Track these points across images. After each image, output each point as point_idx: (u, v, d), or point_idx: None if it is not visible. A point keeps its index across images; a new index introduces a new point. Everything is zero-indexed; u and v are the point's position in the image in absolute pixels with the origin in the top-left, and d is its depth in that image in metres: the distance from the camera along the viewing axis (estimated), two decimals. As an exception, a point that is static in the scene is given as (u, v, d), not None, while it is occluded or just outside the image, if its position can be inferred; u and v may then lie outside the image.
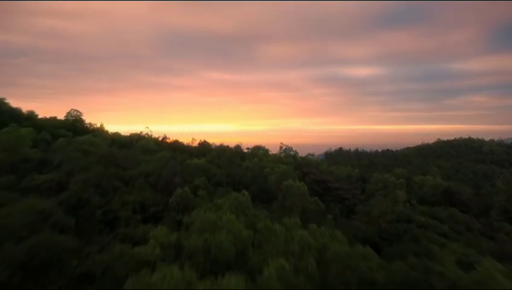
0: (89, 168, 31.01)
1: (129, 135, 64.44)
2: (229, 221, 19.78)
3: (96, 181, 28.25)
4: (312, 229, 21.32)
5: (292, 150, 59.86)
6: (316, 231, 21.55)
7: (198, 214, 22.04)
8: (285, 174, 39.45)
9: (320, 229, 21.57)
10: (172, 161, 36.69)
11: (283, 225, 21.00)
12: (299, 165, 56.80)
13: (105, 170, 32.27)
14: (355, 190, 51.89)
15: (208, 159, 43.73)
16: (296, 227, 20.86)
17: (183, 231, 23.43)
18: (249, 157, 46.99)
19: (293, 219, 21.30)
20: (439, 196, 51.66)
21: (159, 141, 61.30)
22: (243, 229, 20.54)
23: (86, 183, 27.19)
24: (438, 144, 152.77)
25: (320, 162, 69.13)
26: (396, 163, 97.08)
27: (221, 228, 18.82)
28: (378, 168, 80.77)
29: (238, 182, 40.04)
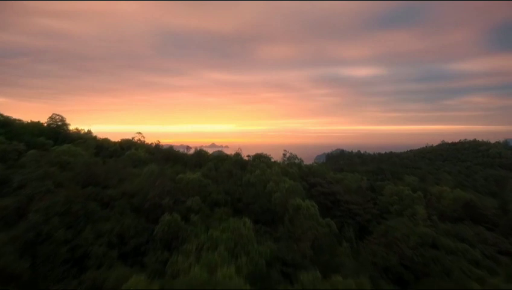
0: (60, 189, 25.61)
1: (119, 140, 58.97)
2: (225, 278, 14.46)
3: (64, 207, 22.77)
4: (336, 283, 16.02)
5: (297, 157, 54.46)
6: (340, 285, 16.23)
7: (183, 263, 16.71)
8: (292, 190, 34.03)
9: (346, 281, 16.27)
10: (162, 177, 31.20)
11: (299, 282, 15.61)
12: (304, 175, 51.53)
13: (80, 190, 26.86)
14: (367, 204, 46.54)
15: (204, 172, 38.29)
16: (316, 282, 15.52)
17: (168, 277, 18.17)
18: (250, 169, 41.56)
19: (311, 274, 15.81)
20: (460, 210, 46.28)
21: (152, 148, 55.83)
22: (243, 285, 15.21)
23: (50, 210, 21.72)
24: (443, 147, 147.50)
25: (325, 168, 63.69)
26: (404, 168, 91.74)
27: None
28: (387, 175, 75.39)
29: (238, 200, 34.65)
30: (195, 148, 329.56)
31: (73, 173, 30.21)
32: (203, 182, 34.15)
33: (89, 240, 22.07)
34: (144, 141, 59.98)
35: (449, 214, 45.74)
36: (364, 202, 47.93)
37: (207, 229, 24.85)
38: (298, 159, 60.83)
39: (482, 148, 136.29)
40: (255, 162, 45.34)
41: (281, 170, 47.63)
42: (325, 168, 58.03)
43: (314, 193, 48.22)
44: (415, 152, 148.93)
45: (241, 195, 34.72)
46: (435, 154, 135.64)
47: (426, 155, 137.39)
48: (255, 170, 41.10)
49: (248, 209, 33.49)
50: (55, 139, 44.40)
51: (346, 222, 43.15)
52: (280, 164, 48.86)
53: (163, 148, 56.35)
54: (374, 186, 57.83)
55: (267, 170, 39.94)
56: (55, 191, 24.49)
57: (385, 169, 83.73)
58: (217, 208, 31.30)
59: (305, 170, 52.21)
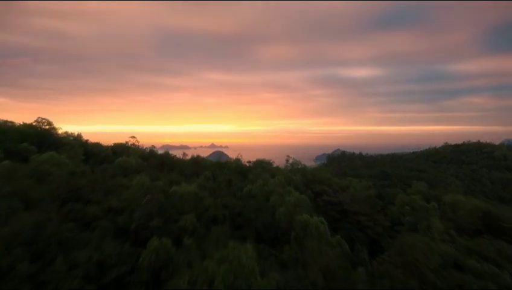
0: (31, 209, 21.93)
1: (112, 145, 55.25)
2: None
3: (32, 233, 19.12)
4: None
5: (300, 163, 50.85)
6: None
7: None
8: (299, 204, 30.40)
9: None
10: (152, 191, 27.52)
11: None
12: (309, 183, 47.95)
13: (56, 209, 23.21)
14: (377, 215, 42.96)
15: (201, 182, 34.63)
16: None
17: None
18: (251, 179, 37.93)
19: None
20: (477, 221, 42.63)
21: (147, 153, 52.12)
22: None
23: (13, 239, 18.07)
24: (446, 149, 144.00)
25: (330, 174, 60.05)
26: (409, 172, 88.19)
27: None
28: (393, 181, 71.85)
29: (238, 214, 30.99)
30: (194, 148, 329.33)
31: (52, 187, 26.52)
32: (199, 195, 30.51)
33: (60, 273, 18.41)
34: (138, 145, 56.31)
35: (465, 226, 42.26)
36: (374, 213, 44.35)
37: (202, 255, 21.27)
38: (301, 164, 57.31)
39: (486, 150, 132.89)
40: (256, 170, 41.65)
41: (285, 178, 44.06)
42: (330, 175, 54.32)
43: (320, 202, 44.66)
44: (418, 154, 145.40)
45: (241, 209, 31.06)
46: (439, 157, 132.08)
47: (430, 157, 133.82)
48: (257, 179, 37.46)
49: (249, 226, 29.90)
50: (40, 145, 40.70)
51: (356, 235, 39.58)
52: (283, 171, 45.19)
53: (158, 154, 52.62)
54: (383, 193, 54.28)
55: (269, 179, 36.26)
56: (23, 213, 20.80)
57: (391, 173, 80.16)
58: (215, 225, 27.62)
59: (309, 178, 48.54)
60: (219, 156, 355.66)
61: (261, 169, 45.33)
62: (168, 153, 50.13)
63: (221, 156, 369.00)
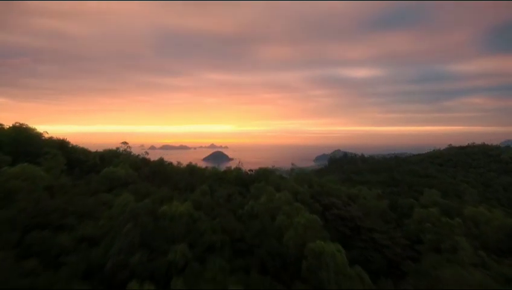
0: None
1: (102, 151, 50.58)
2: None
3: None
4: None
5: (306, 172, 46.19)
6: None
7: None
8: (310, 227, 25.82)
9: None
10: (139, 211, 22.88)
11: None
12: (316, 194, 43.42)
13: (19, 240, 18.63)
14: (394, 231, 38.44)
15: (196, 199, 30.01)
16: None
17: None
18: (253, 193, 33.34)
19: None
20: (506, 240, 38.19)
21: (139, 161, 47.42)
22: None
23: None
24: (451, 151, 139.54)
25: (335, 181, 55.46)
26: (418, 177, 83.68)
27: None
28: (403, 187, 67.35)
29: (239, 239, 26.38)
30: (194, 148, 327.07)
31: (15, 211, 21.86)
32: (193, 216, 25.90)
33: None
34: (130, 151, 51.61)
35: (492, 244, 37.83)
36: (390, 229, 39.78)
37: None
38: (308, 173, 52.67)
39: (492, 153, 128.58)
40: (259, 183, 37.02)
41: (291, 189, 39.49)
42: (338, 185, 49.73)
43: (329, 216, 40.11)
44: (422, 156, 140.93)
45: (243, 233, 26.46)
46: (444, 160, 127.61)
47: (434, 160, 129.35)
48: (260, 193, 32.87)
49: (252, 253, 25.33)
50: (17, 154, 36.03)
51: (371, 255, 35.06)
52: (288, 182, 40.61)
53: (151, 161, 47.95)
54: (395, 204, 49.76)
55: (274, 194, 31.64)
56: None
57: (400, 179, 75.62)
58: (211, 254, 23.01)
59: (317, 189, 43.94)
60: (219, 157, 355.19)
61: (264, 179, 40.75)
62: (162, 161, 45.45)
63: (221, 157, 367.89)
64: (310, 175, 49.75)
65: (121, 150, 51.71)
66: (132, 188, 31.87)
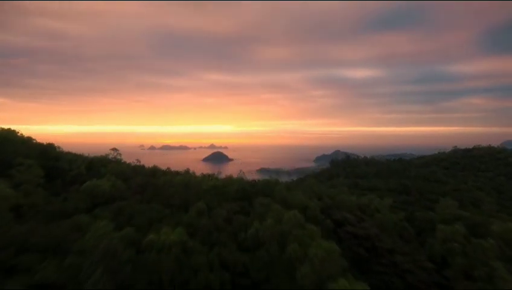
0: None
1: (91, 157, 45.76)
2: None
3: None
4: None
5: (315, 183, 41.44)
6: None
7: None
8: (329, 260, 21.03)
9: None
10: (116, 245, 18.05)
11: None
12: (327, 208, 38.67)
13: None
14: (418, 253, 33.71)
15: (190, 221, 25.20)
16: None
17: None
18: (258, 212, 28.48)
19: None
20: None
21: (129, 170, 42.54)
22: None
23: None
24: (457, 154, 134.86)
25: (345, 192, 50.74)
26: (427, 182, 78.98)
27: None
28: (415, 195, 62.57)
29: (242, 274, 21.58)
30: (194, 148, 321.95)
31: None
32: (186, 246, 21.10)
33: None
34: (120, 159, 46.78)
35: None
36: (412, 250, 34.97)
37: None
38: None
39: (500, 156, 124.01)
40: (264, 199, 32.18)
41: (299, 203, 34.73)
42: (348, 195, 44.93)
43: (342, 234, 35.36)
44: (427, 159, 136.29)
45: (246, 266, 21.66)
46: (450, 163, 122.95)
47: (440, 163, 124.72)
48: (265, 212, 28.10)
49: (259, 292, 20.58)
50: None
51: (392, 281, 30.33)
52: (296, 195, 35.88)
53: (144, 171, 43.11)
54: (411, 216, 45.02)
55: (282, 212, 26.85)
56: None
57: (409, 186, 70.88)
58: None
59: (327, 201, 39.16)
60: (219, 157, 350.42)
61: (268, 192, 35.98)
62: (155, 170, 40.73)
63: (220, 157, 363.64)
64: (318, 185, 44.98)
65: (111, 156, 46.91)
66: (116, 208, 27.04)
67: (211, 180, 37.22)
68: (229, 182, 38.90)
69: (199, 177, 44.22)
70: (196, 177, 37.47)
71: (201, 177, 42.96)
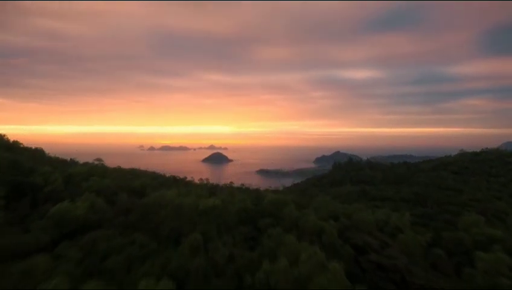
0: None
1: (72, 169, 39.91)
2: None
3: None
4: None
5: (330, 202, 35.67)
6: None
7: None
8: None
9: None
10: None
11: None
12: (344, 230, 32.86)
13: None
14: (457, 286, 28.03)
15: (182, 264, 19.42)
16: None
17: None
18: (267, 248, 22.66)
19: None
20: None
21: (115, 185, 36.62)
22: None
23: None
24: (465, 157, 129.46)
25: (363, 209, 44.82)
26: (444, 191, 73.38)
27: None
28: (432, 207, 56.96)
29: None
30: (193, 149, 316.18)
31: None
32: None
33: None
34: (105, 171, 40.88)
35: None
36: (452, 284, 29.04)
37: None
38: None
39: (510, 160, 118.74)
40: (274, 229, 26.31)
41: (314, 225, 29.02)
42: (366, 212, 39.13)
43: (364, 265, 29.66)
44: (434, 163, 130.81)
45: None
46: (459, 167, 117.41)
47: (447, 167, 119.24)
48: (276, 246, 22.39)
49: None
50: None
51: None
52: (310, 217, 30.12)
53: (132, 187, 37.06)
54: (438, 236, 39.32)
55: (298, 251, 21.10)
56: None
57: (423, 194, 65.27)
58: None
59: (344, 222, 33.37)
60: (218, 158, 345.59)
61: (277, 214, 30.24)
62: (144, 186, 34.72)
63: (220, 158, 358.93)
64: (332, 202, 39.17)
65: (98, 164, 41.10)
66: (88, 241, 21.22)
67: (209, 198, 31.33)
68: (229, 200, 33.10)
69: (197, 189, 38.45)
70: (191, 201, 31.06)
71: (199, 192, 37.13)
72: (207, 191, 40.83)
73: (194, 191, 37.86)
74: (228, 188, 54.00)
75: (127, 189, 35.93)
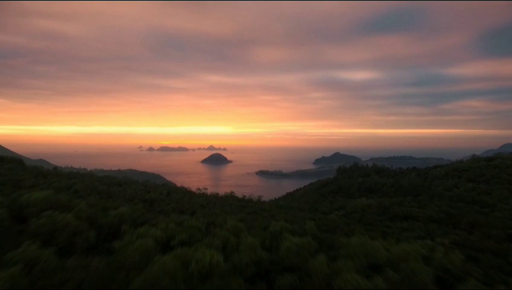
0: None
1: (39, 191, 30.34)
2: None
3: None
4: None
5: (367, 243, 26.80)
6: None
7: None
8: None
9: None
10: None
11: None
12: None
13: None
14: None
15: None
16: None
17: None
18: None
19: None
20: None
21: (83, 216, 27.10)
22: None
23: None
24: (481, 164, 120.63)
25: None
26: (471, 205, 64.39)
27: None
28: (468, 230, 48.01)
29: None
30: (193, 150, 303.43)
31: None
32: None
33: None
34: (78, 190, 31.40)
35: None
36: None
37: None
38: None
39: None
40: None
41: (353, 283, 19.99)
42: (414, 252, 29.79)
43: None
44: (446, 169, 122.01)
45: None
46: (475, 174, 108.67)
47: (463, 174, 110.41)
48: None
49: None
50: None
51: None
52: (349, 276, 20.36)
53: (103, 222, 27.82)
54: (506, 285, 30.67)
55: None
56: None
57: (451, 212, 56.12)
58: None
59: (390, 275, 24.07)
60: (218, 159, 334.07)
61: (299, 266, 20.71)
62: (124, 218, 25.95)
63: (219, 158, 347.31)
64: (368, 242, 30.28)
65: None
66: None
67: (205, 249, 22.03)
68: (234, 244, 23.65)
69: (191, 221, 28.81)
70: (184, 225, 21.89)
71: (192, 227, 27.73)
72: (203, 222, 31.21)
73: (187, 226, 28.23)
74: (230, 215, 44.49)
75: (96, 226, 26.29)
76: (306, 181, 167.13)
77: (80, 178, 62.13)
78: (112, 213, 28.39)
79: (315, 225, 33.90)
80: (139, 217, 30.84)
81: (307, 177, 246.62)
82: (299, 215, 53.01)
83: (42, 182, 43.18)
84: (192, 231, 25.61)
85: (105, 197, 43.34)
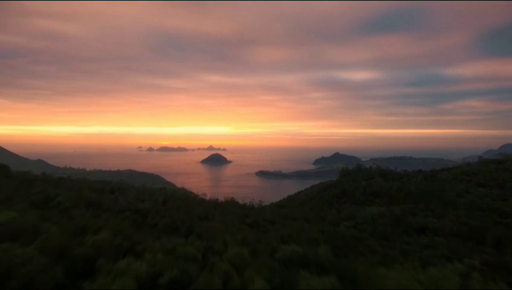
0: None
1: None
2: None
3: None
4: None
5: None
6: None
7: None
8: None
9: None
10: None
11: None
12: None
13: None
14: None
15: None
16: None
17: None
18: None
19: None
20: None
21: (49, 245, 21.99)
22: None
23: None
24: (490, 167, 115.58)
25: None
26: (484, 213, 59.29)
27: None
28: (495, 246, 42.95)
29: None
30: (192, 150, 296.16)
31: None
32: None
33: None
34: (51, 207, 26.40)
35: None
36: None
37: None
38: None
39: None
40: None
41: None
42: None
43: None
44: (454, 173, 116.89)
45: None
46: (485, 178, 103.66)
47: (472, 178, 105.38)
48: None
49: None
50: None
51: None
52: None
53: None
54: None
55: None
56: None
57: (474, 225, 50.82)
58: None
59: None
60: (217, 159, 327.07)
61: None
62: (103, 247, 21.61)
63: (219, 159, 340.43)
64: (399, 275, 25.36)
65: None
66: None
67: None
68: (237, 285, 18.56)
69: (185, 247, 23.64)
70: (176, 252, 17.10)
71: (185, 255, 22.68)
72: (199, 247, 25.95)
73: (180, 255, 22.94)
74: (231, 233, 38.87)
75: (67, 259, 21.00)
76: (306, 181, 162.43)
77: (69, 185, 56.78)
78: (88, 240, 22.38)
79: (328, 247, 27.66)
80: (124, 240, 24.68)
81: (307, 177, 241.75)
82: (306, 229, 47.85)
83: (21, 193, 37.94)
84: (186, 263, 19.35)
85: (92, 210, 38.37)
